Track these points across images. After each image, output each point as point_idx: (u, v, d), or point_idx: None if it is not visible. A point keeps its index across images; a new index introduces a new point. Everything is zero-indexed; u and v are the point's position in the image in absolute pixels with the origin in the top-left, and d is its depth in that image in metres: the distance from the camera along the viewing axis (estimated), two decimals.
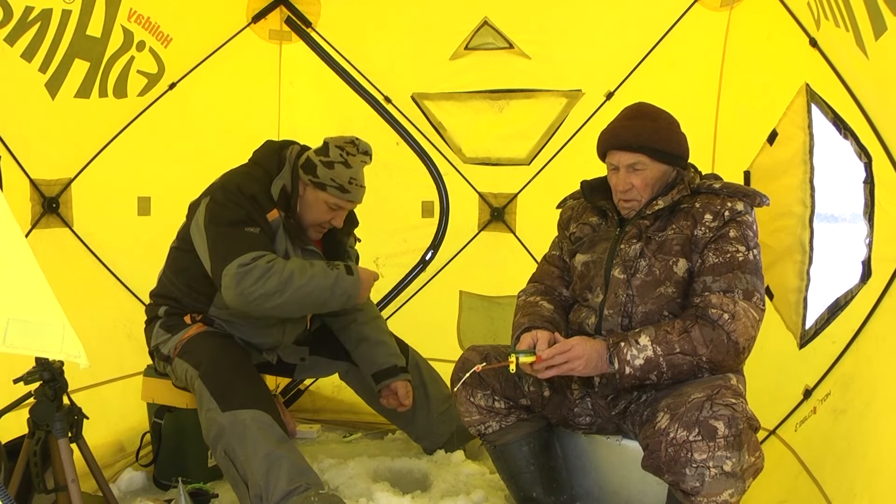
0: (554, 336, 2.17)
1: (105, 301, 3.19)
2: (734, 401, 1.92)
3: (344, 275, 2.56)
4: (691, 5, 3.14)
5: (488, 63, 3.52)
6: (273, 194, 2.64)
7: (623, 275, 2.23)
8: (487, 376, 2.36)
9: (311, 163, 2.68)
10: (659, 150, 2.23)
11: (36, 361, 1.86)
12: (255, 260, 2.45)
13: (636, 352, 2.05)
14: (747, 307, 2.07)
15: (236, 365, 2.54)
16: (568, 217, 2.53)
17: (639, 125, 2.25)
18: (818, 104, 2.43)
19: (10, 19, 2.56)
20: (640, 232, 2.25)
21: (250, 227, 2.53)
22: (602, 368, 2.10)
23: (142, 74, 3.18)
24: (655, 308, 2.20)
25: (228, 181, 2.65)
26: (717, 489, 1.87)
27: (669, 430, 1.92)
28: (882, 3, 1.74)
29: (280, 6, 3.66)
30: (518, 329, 2.28)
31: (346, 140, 2.70)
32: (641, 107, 2.33)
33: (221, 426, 2.39)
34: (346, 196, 2.67)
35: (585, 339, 2.15)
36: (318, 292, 2.52)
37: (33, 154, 2.89)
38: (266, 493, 2.30)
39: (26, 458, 1.92)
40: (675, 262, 2.19)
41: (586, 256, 2.36)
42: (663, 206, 2.23)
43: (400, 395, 2.87)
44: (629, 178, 2.24)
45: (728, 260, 2.13)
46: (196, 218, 2.63)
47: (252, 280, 2.43)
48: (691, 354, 2.04)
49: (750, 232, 2.18)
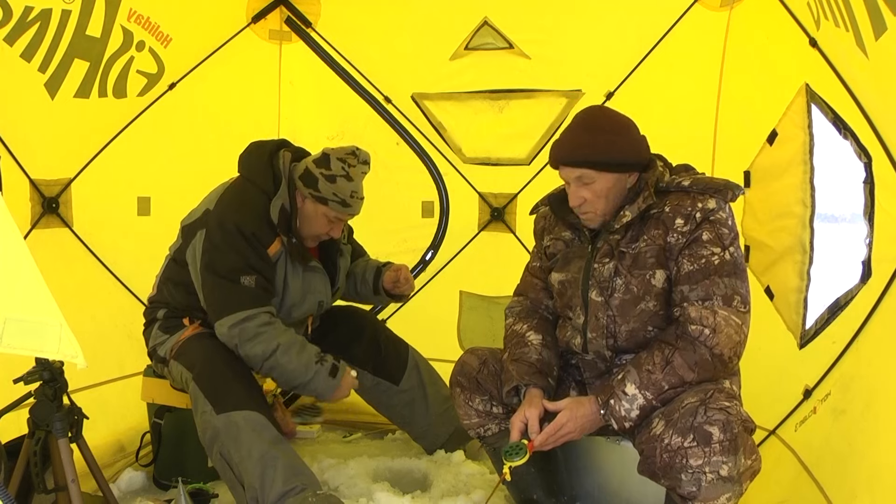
0: (543, 406, 2.13)
1: (105, 301, 3.19)
2: (728, 404, 1.91)
3: (324, 375, 2.60)
4: (691, 5, 3.13)
5: (488, 63, 3.52)
6: (273, 217, 2.59)
7: (600, 297, 2.18)
8: (485, 382, 2.35)
9: (311, 175, 2.62)
10: (600, 162, 2.12)
11: (36, 361, 1.86)
12: (245, 320, 2.50)
13: (628, 404, 2.02)
14: (728, 315, 2.01)
15: (230, 366, 2.53)
16: (542, 227, 2.46)
17: (578, 138, 2.15)
18: (818, 104, 2.43)
19: (9, 19, 2.57)
20: (612, 249, 2.18)
21: (246, 277, 2.53)
22: (598, 424, 2.10)
23: (141, 74, 3.18)
24: (639, 325, 2.15)
25: (225, 217, 2.56)
26: (713, 494, 1.86)
27: (664, 436, 1.91)
28: (882, 3, 1.74)
29: (280, 6, 3.66)
30: (508, 384, 2.25)
31: (346, 151, 2.65)
32: (584, 117, 2.22)
33: (216, 429, 2.39)
34: (348, 210, 2.65)
35: (574, 405, 2.10)
36: (292, 377, 2.59)
37: (33, 154, 2.89)
38: (262, 495, 2.30)
39: (26, 458, 1.92)
40: (651, 275, 2.12)
41: (561, 275, 2.30)
42: (631, 217, 2.14)
43: (401, 275, 2.93)
44: (580, 192, 2.16)
45: (703, 266, 2.05)
46: (193, 251, 2.61)
47: (241, 340, 2.52)
48: (680, 384, 2.00)
49: (725, 229, 2.08)
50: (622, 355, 2.20)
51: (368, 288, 3.03)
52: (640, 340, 2.16)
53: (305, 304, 2.75)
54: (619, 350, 2.20)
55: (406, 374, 3.02)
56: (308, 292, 2.74)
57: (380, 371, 3.01)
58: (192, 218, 2.69)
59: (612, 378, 2.10)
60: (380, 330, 3.11)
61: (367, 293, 3.06)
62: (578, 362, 2.30)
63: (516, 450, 2.07)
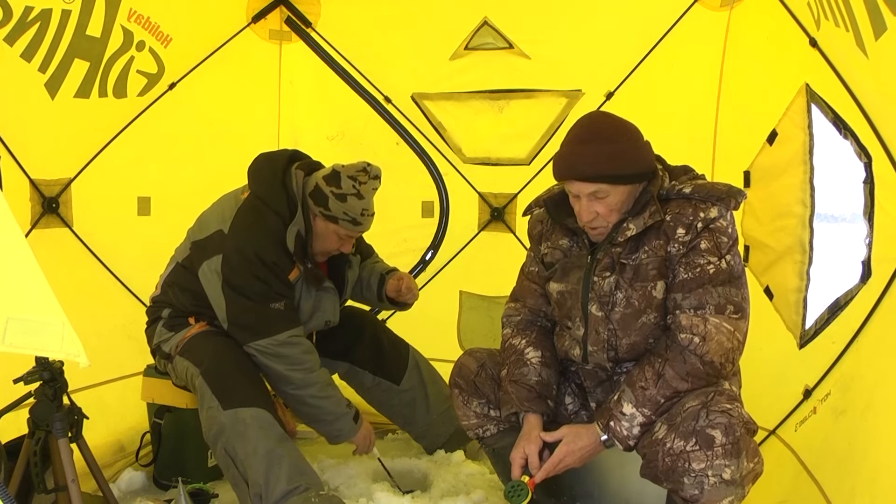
0: (542, 439, 2.12)
1: (105, 301, 3.19)
2: (729, 406, 1.90)
3: (349, 418, 2.69)
4: (691, 5, 3.13)
5: (488, 63, 3.53)
6: (289, 244, 2.56)
7: (601, 311, 2.13)
8: (482, 386, 2.34)
9: (321, 194, 2.59)
10: (619, 175, 2.03)
11: (36, 361, 1.87)
12: (289, 346, 2.55)
13: (628, 423, 2.01)
14: (720, 322, 1.98)
15: (237, 363, 2.53)
16: (539, 233, 2.37)
17: (595, 151, 2.03)
18: (818, 104, 2.43)
19: (9, 19, 2.57)
20: (613, 261, 2.11)
21: (275, 304, 2.54)
22: (599, 451, 2.09)
23: (142, 74, 3.18)
24: (640, 339, 2.12)
25: (244, 245, 2.53)
26: (716, 497, 1.86)
27: (666, 440, 1.91)
28: (882, 4, 1.74)
29: (280, 6, 3.66)
30: (507, 408, 2.24)
31: (357, 168, 2.60)
32: (595, 125, 2.11)
33: (222, 424, 2.40)
34: (359, 228, 2.64)
35: (573, 437, 2.09)
36: (320, 413, 2.66)
37: (33, 154, 2.89)
38: (266, 492, 2.30)
39: (26, 458, 1.92)
40: (653, 287, 2.08)
41: (560, 286, 2.23)
42: (636, 231, 2.07)
43: (403, 285, 2.93)
44: (592, 207, 2.07)
45: (698, 275, 2.02)
46: (209, 271, 2.58)
47: (281, 363, 2.56)
48: (675, 395, 2.00)
49: (724, 238, 2.03)
50: (623, 364, 2.18)
51: (373, 294, 3.02)
52: (641, 352, 2.14)
53: (312, 323, 2.75)
54: (619, 360, 2.18)
55: (406, 374, 3.02)
56: (317, 311, 2.74)
57: (380, 371, 3.01)
58: (203, 234, 2.66)
59: (609, 400, 2.09)
60: (380, 330, 3.11)
61: (372, 298, 3.05)
62: (578, 370, 2.29)
63: (518, 490, 2.08)
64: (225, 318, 2.59)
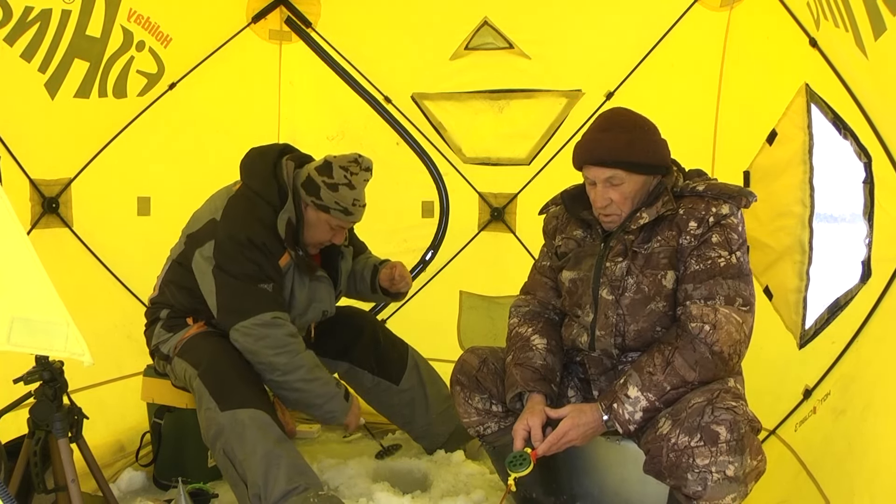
0: (546, 414, 2.12)
1: (105, 301, 3.19)
2: (734, 404, 1.91)
3: (341, 397, 2.66)
4: (691, 5, 3.14)
5: (488, 63, 3.53)
6: (280, 231, 2.58)
7: (611, 295, 2.18)
8: (484, 380, 2.35)
9: (313, 183, 2.62)
10: (635, 163, 2.14)
11: (36, 361, 1.87)
12: (271, 326, 2.51)
13: (631, 407, 2.02)
14: (729, 313, 2.02)
15: (235, 364, 2.53)
16: (553, 227, 2.46)
17: (613, 138, 2.14)
18: (818, 104, 2.43)
19: (9, 19, 2.57)
20: (626, 248, 2.18)
21: (264, 284, 2.54)
22: (601, 430, 2.09)
23: (141, 74, 3.18)
24: (647, 325, 2.16)
25: (235, 230, 2.56)
26: (719, 494, 1.86)
27: (671, 435, 1.91)
28: (881, 4, 1.74)
29: (280, 6, 3.66)
30: (511, 390, 2.24)
31: (349, 159, 2.64)
32: (615, 117, 2.23)
33: (220, 425, 2.40)
34: (350, 218, 2.66)
35: (577, 413, 2.09)
36: (311, 397, 2.62)
37: (33, 154, 2.89)
38: (265, 493, 2.30)
39: (26, 458, 1.93)
40: (663, 276, 2.14)
41: (573, 273, 2.30)
42: (648, 219, 2.16)
43: (396, 272, 2.93)
44: (607, 193, 2.16)
45: (709, 267, 2.08)
46: (201, 258, 2.59)
47: (264, 346, 2.52)
48: (682, 385, 2.01)
49: (734, 234, 2.12)
50: (629, 353, 2.21)
51: (366, 286, 3.03)
52: (648, 340, 2.16)
53: (309, 314, 2.76)
54: (626, 349, 2.20)
55: (406, 374, 3.02)
56: (313, 301, 2.75)
57: (380, 371, 3.01)
58: (197, 226, 2.68)
59: (615, 384, 2.10)
60: (379, 330, 3.11)
61: (366, 291, 3.06)
62: (584, 359, 2.30)
63: (520, 460, 2.07)
64: (214, 305, 2.58)
